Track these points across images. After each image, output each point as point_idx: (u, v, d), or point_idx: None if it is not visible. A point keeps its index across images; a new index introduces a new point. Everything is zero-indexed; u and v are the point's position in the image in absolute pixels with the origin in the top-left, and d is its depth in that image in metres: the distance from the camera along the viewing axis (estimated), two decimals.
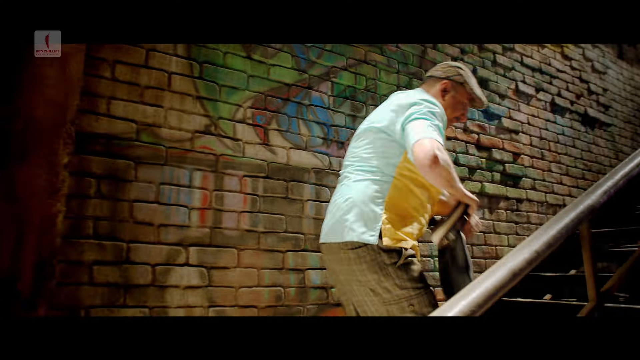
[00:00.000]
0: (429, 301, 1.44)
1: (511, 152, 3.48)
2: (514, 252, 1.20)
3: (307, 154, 2.49)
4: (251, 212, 2.27)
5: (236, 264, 2.17)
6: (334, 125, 2.62)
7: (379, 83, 2.87)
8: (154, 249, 1.99)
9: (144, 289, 1.93)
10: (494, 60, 3.59)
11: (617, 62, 4.80)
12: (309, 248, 2.39)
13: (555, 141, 3.86)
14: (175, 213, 2.07)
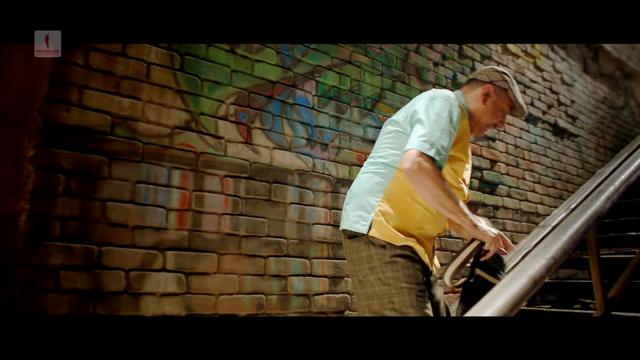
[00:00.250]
0: (410, 302, 1.38)
1: (489, 159, 3.50)
2: (531, 260, 1.15)
3: (291, 154, 2.39)
4: (232, 215, 2.14)
5: (216, 270, 2.04)
6: (318, 126, 2.53)
7: (363, 85, 2.80)
8: (128, 253, 1.83)
9: (116, 296, 1.77)
10: (473, 67, 3.61)
11: (582, 75, 4.95)
12: (292, 253, 2.28)
13: (529, 150, 3.91)
14: (152, 214, 1.91)
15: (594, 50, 5.28)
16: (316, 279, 2.34)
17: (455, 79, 3.41)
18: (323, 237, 2.41)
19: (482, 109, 1.61)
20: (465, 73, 3.51)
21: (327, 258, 2.40)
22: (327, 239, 2.43)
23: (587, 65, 5.09)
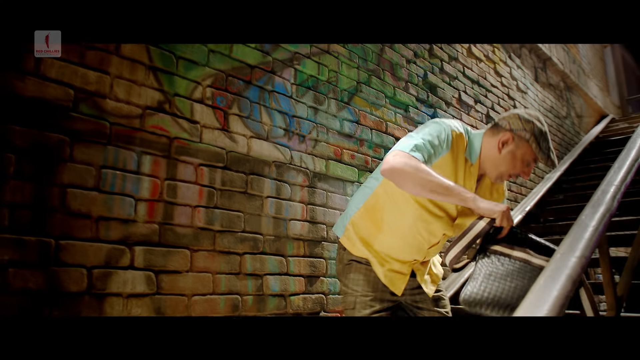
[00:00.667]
0: (352, 304, 1.58)
1: None
2: (562, 258, 1.08)
3: (269, 145, 2.23)
4: (207, 208, 1.94)
5: (189, 268, 1.84)
6: (296, 117, 2.38)
7: (340, 76, 2.69)
8: (91, 248, 1.59)
9: (76, 297, 1.53)
10: (442, 67, 3.61)
11: (533, 84, 5.15)
12: (268, 251, 2.12)
13: None
14: (119, 204, 1.69)
15: (543, 61, 5.52)
16: (292, 278, 2.19)
17: (425, 77, 3.38)
18: (299, 234, 2.27)
19: (498, 158, 1.47)
20: (435, 72, 3.50)
21: (304, 256, 2.27)
22: (303, 236, 2.29)
23: (537, 74, 5.31)
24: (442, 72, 3.60)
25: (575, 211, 4.31)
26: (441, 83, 3.55)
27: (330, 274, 2.37)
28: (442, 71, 3.60)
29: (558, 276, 0.99)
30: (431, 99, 3.39)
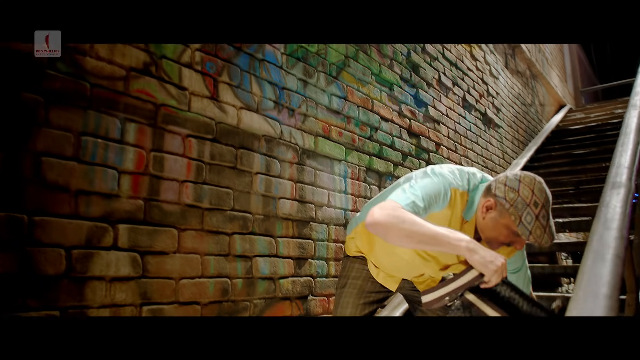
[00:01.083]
0: (337, 300, 1.65)
1: (434, 142, 3.47)
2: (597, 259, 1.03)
3: (259, 117, 2.07)
4: (195, 183, 1.78)
5: (176, 249, 1.68)
6: (286, 89, 2.23)
7: (329, 49, 2.55)
8: (70, 226, 1.40)
9: (54, 282, 1.34)
10: (423, 47, 3.54)
11: (504, 70, 5.21)
12: (257, 231, 1.99)
13: (465, 136, 3.99)
14: (101, 177, 1.50)
15: (513, 48, 5.59)
16: (281, 260, 2.08)
17: (409, 55, 3.30)
18: (289, 214, 2.15)
19: (482, 223, 1.33)
20: (417, 52, 3.43)
21: (292, 237, 2.15)
22: (292, 215, 2.16)
23: (507, 61, 5.37)
24: (424, 51, 3.53)
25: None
26: (423, 63, 3.49)
27: (318, 256, 2.27)
28: (424, 51, 3.53)
29: (605, 255, 0.93)
30: (414, 78, 3.32)
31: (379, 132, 2.85)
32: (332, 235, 2.38)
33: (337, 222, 2.42)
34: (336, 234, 2.40)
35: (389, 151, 2.92)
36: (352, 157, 2.60)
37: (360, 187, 2.63)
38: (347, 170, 2.55)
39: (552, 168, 4.77)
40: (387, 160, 2.89)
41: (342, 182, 2.50)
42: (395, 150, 2.99)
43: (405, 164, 3.06)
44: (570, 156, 4.94)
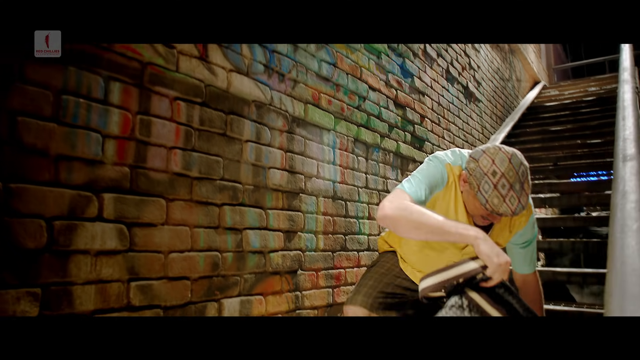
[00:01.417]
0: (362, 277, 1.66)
1: (419, 114, 3.44)
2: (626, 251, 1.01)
3: (249, 81, 1.96)
4: (184, 150, 1.67)
5: (164, 220, 1.58)
6: (276, 52, 2.12)
7: None
8: (51, 194, 1.28)
9: (34, 256, 1.23)
10: None
11: (484, 44, 5.20)
12: (247, 202, 1.90)
13: (448, 109, 3.97)
14: (84, 140, 1.37)
15: None
16: (271, 233, 2.00)
17: None
18: (279, 185, 2.07)
19: (463, 197, 1.35)
20: None
21: (282, 209, 2.07)
22: (282, 186, 2.09)
23: None
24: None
25: None
26: None
27: (307, 229, 2.21)
28: None
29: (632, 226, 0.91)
30: (400, 47, 3.25)
31: (366, 102, 2.78)
32: (321, 207, 2.32)
33: (325, 194, 2.36)
34: (325, 206, 2.35)
35: (376, 122, 2.86)
36: (340, 127, 2.52)
37: (348, 158, 2.57)
38: (336, 140, 2.48)
39: (529, 144, 4.85)
40: (374, 131, 2.83)
41: (331, 153, 2.43)
42: (382, 121, 2.93)
43: (391, 135, 3.02)
44: (547, 132, 5.03)
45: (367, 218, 2.68)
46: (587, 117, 5.13)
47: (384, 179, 2.89)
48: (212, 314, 1.70)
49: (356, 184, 2.61)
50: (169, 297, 1.56)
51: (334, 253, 2.38)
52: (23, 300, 1.19)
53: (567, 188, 3.49)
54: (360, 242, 2.60)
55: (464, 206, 1.37)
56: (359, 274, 2.57)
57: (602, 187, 3.49)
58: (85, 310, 1.33)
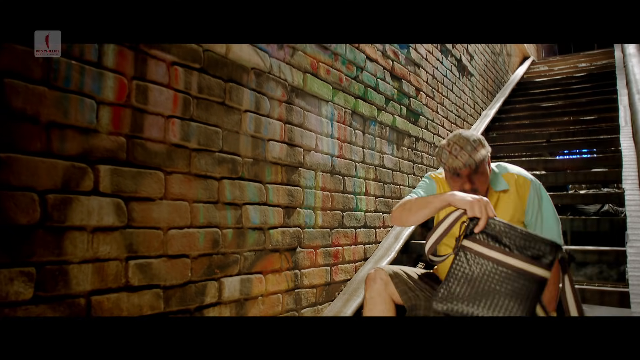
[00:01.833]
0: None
1: (414, 87, 3.38)
2: None
3: (248, 47, 1.86)
4: (182, 119, 1.58)
5: (163, 194, 1.50)
6: None
7: None
8: (43, 165, 1.19)
9: (27, 233, 1.14)
10: None
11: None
12: (246, 176, 1.83)
13: (442, 82, 3.92)
14: (77, 107, 1.27)
15: None
16: (271, 208, 1.94)
17: None
18: (278, 158, 2.00)
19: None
20: None
21: (281, 184, 2.01)
22: (281, 160, 2.02)
23: None
24: None
25: (506, 150, 4.52)
26: None
27: (306, 205, 2.16)
28: None
29: None
30: None
31: (364, 73, 2.71)
32: (320, 182, 2.26)
33: (324, 168, 2.30)
34: (323, 181, 2.29)
35: (373, 94, 2.80)
36: (338, 99, 2.45)
37: (346, 131, 2.51)
38: (334, 112, 2.41)
39: (521, 120, 4.86)
40: (372, 103, 2.77)
41: (329, 125, 2.37)
42: (379, 93, 2.87)
43: (387, 108, 2.96)
44: (539, 109, 5.05)
45: (364, 194, 2.64)
46: (578, 94, 5.17)
47: (381, 154, 2.85)
48: (212, 294, 1.65)
49: (353, 159, 2.56)
50: (169, 276, 1.50)
51: (332, 230, 2.34)
52: (16, 281, 1.11)
53: (563, 166, 3.52)
54: (358, 218, 2.57)
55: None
56: (356, 252, 2.55)
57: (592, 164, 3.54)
58: (82, 290, 1.25)
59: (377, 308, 1.65)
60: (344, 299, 2.31)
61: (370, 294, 1.68)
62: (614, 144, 3.51)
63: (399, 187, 3.06)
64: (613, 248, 2.28)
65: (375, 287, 1.68)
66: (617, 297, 1.94)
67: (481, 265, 1.22)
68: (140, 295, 1.41)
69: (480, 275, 1.21)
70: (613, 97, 4.46)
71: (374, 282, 1.69)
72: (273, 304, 1.93)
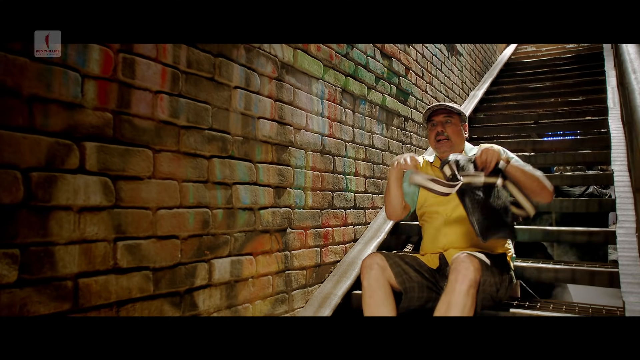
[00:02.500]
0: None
1: (404, 66, 3.35)
2: None
3: None
4: (171, 95, 1.53)
5: (151, 173, 1.46)
6: None
7: None
8: (25, 141, 1.14)
9: (10, 213, 1.10)
10: None
11: None
12: (236, 155, 1.80)
13: (431, 62, 3.90)
14: (61, 80, 1.21)
15: None
16: (261, 188, 1.92)
17: None
18: (268, 136, 1.96)
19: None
20: None
21: (272, 163, 1.98)
22: (272, 138, 1.98)
23: None
24: None
25: (494, 131, 4.55)
26: None
27: (296, 185, 2.13)
28: None
29: None
30: None
31: (354, 50, 2.67)
32: (310, 162, 2.24)
33: (314, 147, 2.27)
34: (314, 160, 2.27)
35: (363, 72, 2.77)
36: (329, 76, 2.42)
37: (336, 110, 2.48)
38: (324, 90, 2.38)
39: (509, 101, 4.88)
40: (362, 82, 2.74)
41: (319, 104, 2.33)
42: (369, 71, 2.84)
43: (377, 87, 2.93)
44: (527, 90, 5.08)
45: (354, 174, 2.63)
46: (566, 75, 5.21)
47: (370, 134, 2.83)
48: (202, 276, 1.63)
49: (343, 138, 2.54)
50: (158, 257, 1.47)
51: (322, 211, 2.33)
52: (0, 263, 1.07)
53: (551, 147, 3.55)
54: (348, 199, 2.56)
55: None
56: (346, 233, 2.54)
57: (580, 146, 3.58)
58: (68, 273, 1.22)
59: (377, 294, 1.65)
60: (334, 280, 2.31)
61: (368, 282, 1.68)
62: (603, 126, 3.56)
63: (389, 168, 3.06)
64: (602, 229, 2.32)
65: (373, 274, 1.68)
66: (607, 277, 1.98)
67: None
68: (129, 277, 1.38)
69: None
70: (601, 78, 4.50)
71: (371, 268, 1.69)
72: (263, 286, 1.92)
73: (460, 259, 1.57)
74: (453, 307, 1.50)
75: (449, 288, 1.54)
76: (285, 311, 2.05)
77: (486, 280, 1.65)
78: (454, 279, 1.54)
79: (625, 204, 2.24)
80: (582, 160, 3.25)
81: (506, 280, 1.80)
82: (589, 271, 2.03)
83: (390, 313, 1.66)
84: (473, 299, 1.53)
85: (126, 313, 1.36)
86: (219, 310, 1.70)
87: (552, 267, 2.14)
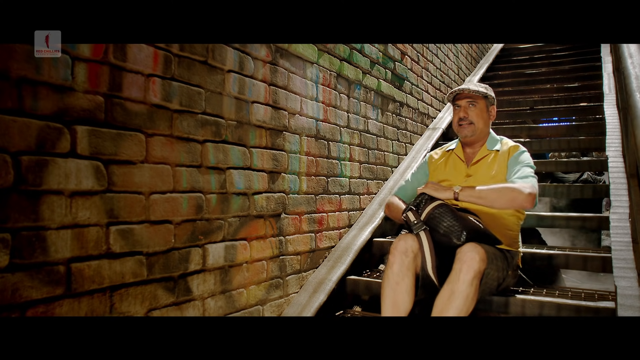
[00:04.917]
0: None
1: (400, 50, 3.33)
2: None
3: None
4: (163, 78, 1.51)
5: (144, 158, 1.45)
6: None
7: None
8: (15, 124, 1.12)
9: (0, 197, 1.09)
10: None
11: None
12: (230, 139, 1.79)
13: (427, 46, 3.88)
14: (50, 62, 1.20)
15: None
16: (256, 173, 1.91)
17: None
18: (262, 121, 1.95)
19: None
20: None
21: (266, 147, 1.97)
22: (266, 123, 1.97)
23: None
24: None
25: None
26: None
27: (290, 170, 2.13)
28: None
29: None
30: None
31: None
32: (305, 147, 2.23)
33: (309, 132, 2.26)
34: (308, 145, 2.26)
35: (358, 56, 2.74)
36: (323, 60, 2.40)
37: (331, 95, 2.46)
38: (319, 74, 2.36)
39: (504, 87, 4.87)
40: (357, 66, 2.72)
41: (314, 88, 2.32)
42: (365, 56, 2.82)
43: (372, 72, 2.91)
44: (523, 75, 5.07)
45: (348, 160, 2.62)
46: (561, 61, 5.20)
47: (365, 119, 2.82)
48: (196, 261, 1.62)
49: (338, 123, 2.53)
50: (152, 242, 1.47)
51: (316, 196, 2.33)
52: None
53: (546, 133, 3.56)
54: (342, 184, 2.55)
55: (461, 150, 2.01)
56: (341, 219, 2.55)
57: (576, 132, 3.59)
58: (61, 258, 1.21)
59: (404, 282, 1.63)
60: (329, 265, 2.32)
61: (400, 268, 1.64)
62: (598, 112, 3.56)
63: (383, 154, 3.05)
64: (596, 214, 2.33)
65: (407, 261, 1.64)
66: (600, 262, 1.99)
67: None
68: (122, 262, 1.37)
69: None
70: (597, 64, 4.49)
71: (405, 255, 1.65)
72: (257, 271, 1.92)
73: (466, 249, 1.57)
74: (456, 296, 1.51)
75: (453, 277, 1.54)
76: (279, 296, 2.06)
77: (489, 274, 1.65)
78: (458, 268, 1.54)
79: (619, 190, 2.25)
80: (577, 146, 3.25)
81: (509, 278, 1.81)
82: (582, 256, 2.05)
83: (410, 304, 1.65)
84: (476, 289, 1.54)
85: (119, 298, 1.36)
86: (213, 295, 1.70)
87: (546, 252, 2.15)
